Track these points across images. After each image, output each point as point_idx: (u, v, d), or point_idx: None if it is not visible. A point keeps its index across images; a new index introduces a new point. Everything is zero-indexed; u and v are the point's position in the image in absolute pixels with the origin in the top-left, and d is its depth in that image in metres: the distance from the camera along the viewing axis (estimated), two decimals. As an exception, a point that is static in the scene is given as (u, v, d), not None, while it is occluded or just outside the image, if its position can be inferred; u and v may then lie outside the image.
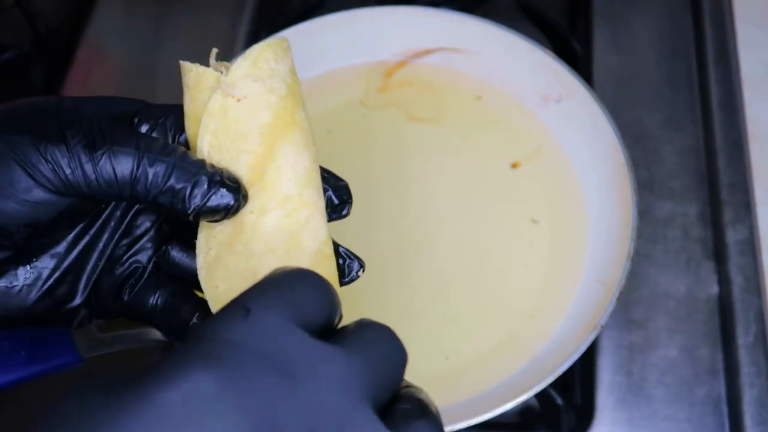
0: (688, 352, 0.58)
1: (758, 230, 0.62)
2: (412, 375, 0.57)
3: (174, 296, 0.39)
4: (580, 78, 0.63)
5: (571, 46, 0.74)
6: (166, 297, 0.39)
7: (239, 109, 0.36)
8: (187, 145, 0.38)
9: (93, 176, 0.34)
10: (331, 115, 0.66)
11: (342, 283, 0.39)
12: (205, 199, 0.35)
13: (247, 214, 0.36)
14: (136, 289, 0.39)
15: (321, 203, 0.37)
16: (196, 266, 0.37)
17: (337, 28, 0.66)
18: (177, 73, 0.38)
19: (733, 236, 0.61)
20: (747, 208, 0.62)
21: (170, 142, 0.37)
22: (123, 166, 0.34)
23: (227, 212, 0.35)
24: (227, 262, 0.35)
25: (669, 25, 0.73)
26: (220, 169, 0.35)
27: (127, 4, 0.78)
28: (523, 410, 0.60)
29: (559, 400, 0.58)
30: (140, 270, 0.39)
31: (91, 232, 0.38)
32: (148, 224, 0.39)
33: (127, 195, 0.35)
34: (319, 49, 0.66)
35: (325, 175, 0.39)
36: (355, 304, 0.59)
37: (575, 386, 0.60)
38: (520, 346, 0.57)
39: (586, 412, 0.57)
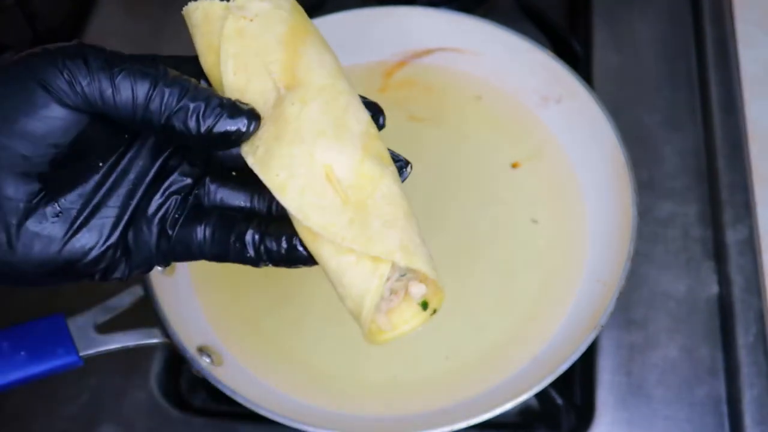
0: (688, 352, 0.58)
1: (758, 230, 0.62)
2: (413, 375, 0.57)
3: (224, 221, 0.38)
4: (580, 78, 0.63)
5: (571, 46, 0.74)
6: (214, 225, 0.38)
7: (255, 27, 0.38)
8: None
9: (109, 91, 0.35)
10: (331, 115, 0.66)
11: None
12: (218, 119, 0.35)
13: (289, 106, 0.37)
14: (181, 220, 0.38)
15: (354, 91, 0.38)
16: (239, 197, 0.39)
17: (337, 28, 0.66)
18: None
19: (733, 236, 0.61)
20: (747, 208, 0.62)
21: None
22: (140, 84, 0.35)
23: (239, 137, 0.36)
24: (280, 153, 0.36)
25: (669, 25, 0.73)
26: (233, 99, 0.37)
27: (127, 4, 0.78)
28: (523, 410, 0.60)
29: (559, 400, 0.58)
30: (180, 201, 0.38)
31: (119, 169, 0.38)
32: (179, 161, 0.39)
33: (140, 115, 0.35)
34: (319, 49, 0.66)
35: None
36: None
37: (575, 386, 0.60)
38: (520, 347, 0.57)
39: (586, 412, 0.57)
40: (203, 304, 0.59)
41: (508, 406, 0.50)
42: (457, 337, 0.57)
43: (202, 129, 0.35)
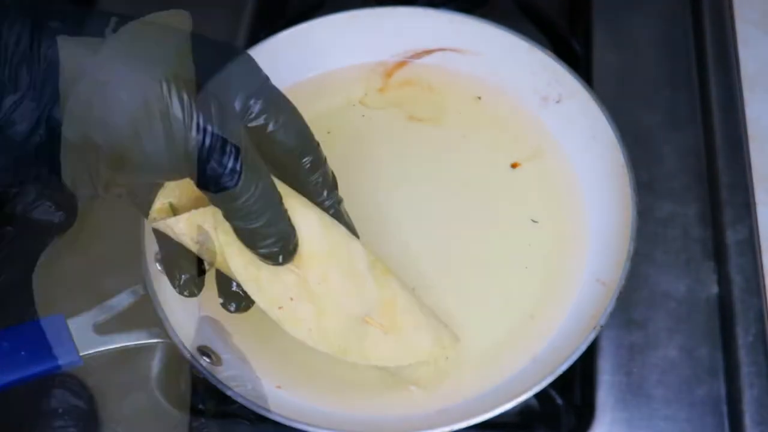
0: (688, 352, 0.58)
1: (758, 230, 0.62)
2: (413, 374, 0.57)
3: None
4: (580, 78, 0.63)
5: (571, 46, 0.74)
6: None
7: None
8: None
9: None
10: (331, 115, 0.66)
11: None
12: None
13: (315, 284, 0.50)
14: None
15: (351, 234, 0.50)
16: None
17: (337, 28, 0.66)
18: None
19: (733, 236, 0.61)
20: (747, 208, 0.62)
21: None
22: None
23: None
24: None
25: (669, 25, 0.73)
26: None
27: (127, 4, 0.78)
28: (523, 410, 0.60)
29: (559, 400, 0.58)
30: None
31: None
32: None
33: None
34: (319, 49, 0.66)
35: None
36: (355, 304, 0.59)
37: (575, 386, 0.60)
38: (520, 346, 0.56)
39: (586, 412, 0.57)
40: (203, 304, 0.59)
41: (508, 406, 0.50)
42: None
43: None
